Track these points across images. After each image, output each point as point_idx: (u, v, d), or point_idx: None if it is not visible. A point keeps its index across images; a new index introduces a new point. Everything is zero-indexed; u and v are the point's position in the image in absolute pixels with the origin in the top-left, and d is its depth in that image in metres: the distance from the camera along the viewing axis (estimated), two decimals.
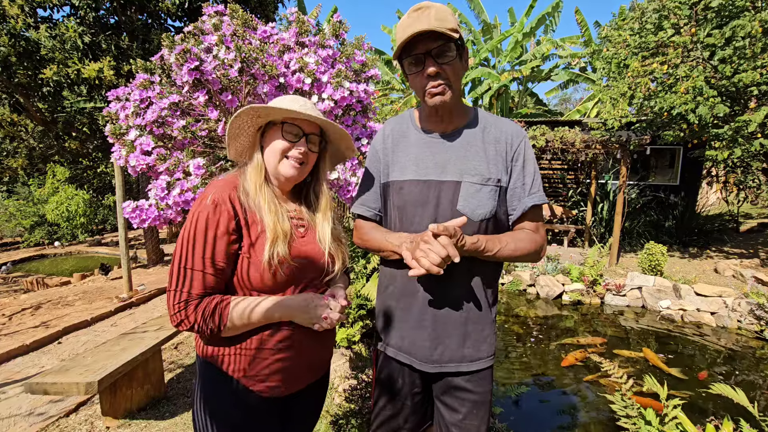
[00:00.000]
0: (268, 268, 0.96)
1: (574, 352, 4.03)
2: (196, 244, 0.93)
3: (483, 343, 1.14)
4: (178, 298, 0.93)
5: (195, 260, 0.93)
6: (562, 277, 6.09)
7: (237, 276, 0.99)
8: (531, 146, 1.15)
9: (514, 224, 1.17)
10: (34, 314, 4.76)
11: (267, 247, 0.96)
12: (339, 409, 2.37)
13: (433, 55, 1.01)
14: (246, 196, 1.00)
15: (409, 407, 1.21)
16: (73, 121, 8.79)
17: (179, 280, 0.93)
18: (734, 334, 4.58)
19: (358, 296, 3.50)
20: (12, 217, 11.58)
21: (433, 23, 0.98)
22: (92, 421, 2.51)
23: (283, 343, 1.01)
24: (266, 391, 1.01)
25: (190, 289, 0.93)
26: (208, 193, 0.97)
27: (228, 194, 0.97)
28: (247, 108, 1.01)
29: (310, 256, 1.06)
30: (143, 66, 1.96)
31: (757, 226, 9.24)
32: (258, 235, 0.98)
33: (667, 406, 2.09)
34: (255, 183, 1.02)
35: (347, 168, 1.95)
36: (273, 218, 0.99)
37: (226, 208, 0.95)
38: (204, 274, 0.94)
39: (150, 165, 1.83)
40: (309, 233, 1.10)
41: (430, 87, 1.04)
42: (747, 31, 5.06)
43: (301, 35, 1.99)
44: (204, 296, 0.94)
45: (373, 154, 1.27)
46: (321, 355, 1.13)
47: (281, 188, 1.10)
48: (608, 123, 6.57)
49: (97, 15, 6.42)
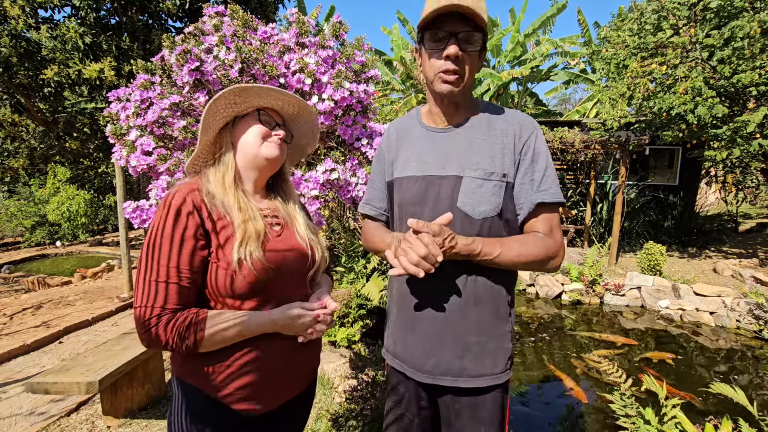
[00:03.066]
0: (239, 270, 0.88)
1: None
2: (162, 252, 0.85)
3: (487, 357, 1.02)
4: (147, 314, 0.83)
5: (161, 271, 0.84)
6: (561, 277, 6.10)
7: (209, 285, 0.90)
8: (544, 139, 1.05)
9: (523, 225, 1.06)
10: (35, 314, 4.77)
11: (236, 247, 0.88)
12: (339, 408, 2.38)
13: (460, 38, 0.94)
14: (212, 198, 0.93)
15: (417, 424, 1.12)
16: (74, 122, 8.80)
17: (146, 294, 0.84)
18: (733, 334, 4.58)
19: (358, 296, 3.51)
20: (13, 217, 11.57)
21: (471, 1, 0.91)
22: (93, 421, 2.52)
23: (264, 358, 0.94)
24: (248, 409, 0.94)
25: (161, 303, 0.83)
26: (170, 197, 0.88)
27: (191, 197, 0.89)
28: (228, 90, 0.94)
29: (290, 253, 1.00)
30: (144, 66, 1.97)
31: (756, 226, 9.25)
32: (228, 237, 0.90)
33: (666, 406, 2.10)
34: (224, 182, 0.96)
35: (347, 168, 1.96)
36: (243, 216, 0.93)
37: (189, 210, 0.88)
38: (173, 285, 0.85)
39: (151, 165, 1.84)
40: (286, 230, 1.04)
41: (444, 71, 0.97)
42: (746, 31, 5.07)
43: (301, 36, 2.00)
44: (176, 311, 0.85)
45: (379, 152, 1.23)
46: (306, 366, 1.06)
47: (255, 184, 1.04)
48: (607, 123, 6.58)
49: (98, 16, 6.44)
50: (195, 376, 0.92)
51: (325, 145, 2.24)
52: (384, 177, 1.20)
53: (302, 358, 1.03)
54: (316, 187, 1.80)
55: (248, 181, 1.03)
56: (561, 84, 13.39)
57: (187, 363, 0.93)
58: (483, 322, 1.02)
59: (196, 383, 0.92)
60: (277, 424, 1.03)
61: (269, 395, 0.97)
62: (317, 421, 2.38)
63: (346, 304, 3.39)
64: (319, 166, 1.85)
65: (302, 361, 1.03)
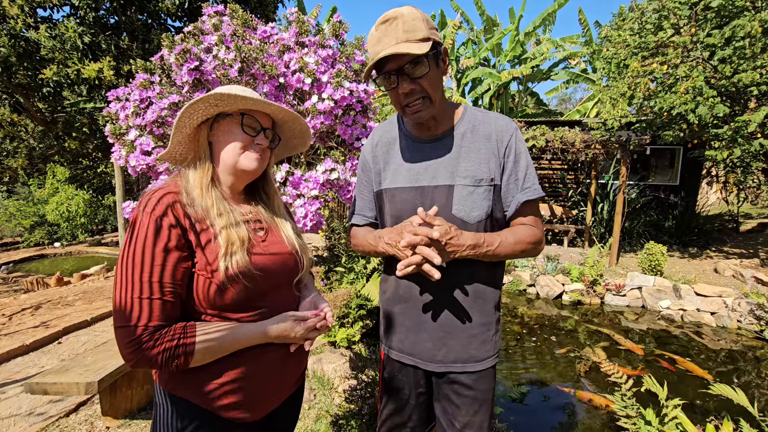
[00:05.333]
0: (225, 279, 0.84)
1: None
2: (144, 266, 0.79)
3: (488, 342, 1.14)
4: (130, 335, 0.77)
5: (143, 287, 0.79)
6: (562, 277, 6.09)
7: (196, 297, 0.85)
8: (523, 139, 1.12)
9: (510, 221, 1.15)
10: (34, 314, 4.76)
11: (221, 256, 0.84)
12: (339, 409, 2.37)
13: (406, 72, 0.97)
14: (191, 201, 0.87)
15: (413, 406, 1.21)
16: (73, 121, 8.80)
17: (128, 313, 0.78)
18: (734, 334, 4.58)
19: (358, 296, 3.50)
20: (12, 217, 11.56)
21: (401, 37, 0.94)
22: (92, 421, 2.51)
23: (256, 368, 0.91)
24: (240, 416, 0.91)
25: (145, 321, 0.78)
26: (145, 204, 0.82)
27: (169, 202, 0.83)
28: (207, 95, 0.88)
29: (277, 259, 0.96)
30: (143, 66, 1.96)
31: (757, 226, 9.24)
32: (210, 245, 0.86)
33: (667, 406, 2.09)
34: (201, 185, 0.90)
35: (347, 168, 1.95)
36: (224, 222, 0.87)
37: (169, 219, 0.82)
38: (157, 301, 0.79)
39: (150, 165, 1.83)
40: (270, 235, 0.99)
41: (407, 104, 1.02)
42: (747, 31, 5.06)
43: (301, 35, 1.99)
44: (162, 328, 0.80)
45: (363, 163, 1.24)
46: (297, 369, 1.04)
47: (233, 188, 0.99)
48: (608, 123, 6.57)
49: (97, 15, 6.43)
50: (184, 389, 0.88)
51: (325, 145, 2.23)
52: (371, 186, 1.23)
53: (293, 361, 1.01)
54: (316, 187, 1.80)
55: (226, 185, 0.97)
56: (562, 83, 13.38)
57: (175, 376, 0.89)
58: (484, 313, 1.13)
59: (185, 396, 0.88)
60: (271, 425, 1.03)
61: (262, 402, 0.95)
62: (317, 422, 2.37)
63: (346, 305, 3.38)
64: (319, 166, 1.84)
65: (293, 364, 1.02)
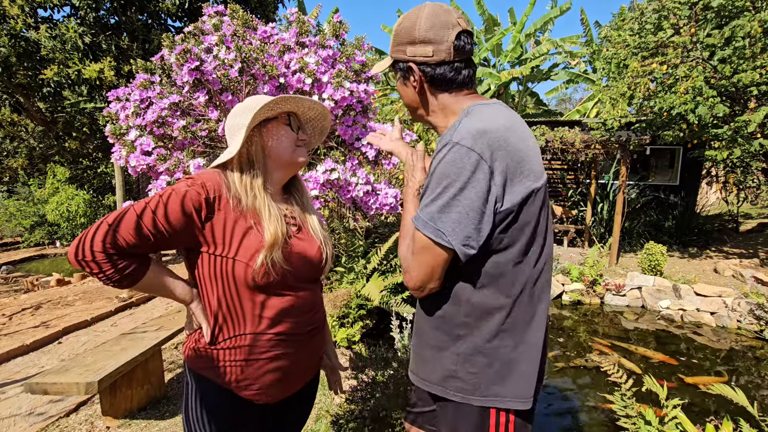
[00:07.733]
0: (259, 269, 0.92)
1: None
2: (159, 202, 0.85)
3: (425, 364, 1.01)
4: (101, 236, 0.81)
5: (146, 211, 0.84)
6: (561, 277, 6.09)
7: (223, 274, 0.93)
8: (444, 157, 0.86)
9: None
10: (34, 314, 4.76)
11: (263, 251, 0.92)
12: (339, 409, 2.37)
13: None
14: (237, 201, 0.94)
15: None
16: (74, 122, 8.80)
17: (101, 228, 0.82)
18: (734, 334, 4.58)
19: (358, 296, 3.50)
20: (12, 217, 11.57)
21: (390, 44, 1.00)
22: (92, 421, 2.51)
23: (276, 351, 0.98)
24: (260, 398, 0.99)
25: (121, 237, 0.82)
26: (196, 176, 0.93)
27: (215, 184, 0.93)
28: (278, 98, 0.99)
29: (308, 252, 1.05)
30: (143, 66, 1.96)
31: (757, 226, 9.25)
32: (248, 235, 0.93)
33: (667, 407, 2.09)
34: (253, 185, 0.97)
35: (347, 168, 1.95)
36: (272, 220, 0.95)
37: (206, 193, 0.90)
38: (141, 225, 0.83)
39: (150, 165, 1.83)
40: (303, 231, 1.08)
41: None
42: (746, 31, 5.07)
43: (302, 35, 1.99)
44: (126, 252, 0.84)
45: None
46: (314, 358, 1.12)
47: (280, 183, 1.08)
48: (608, 123, 6.57)
49: (97, 15, 6.43)
50: (208, 369, 0.96)
51: (325, 145, 2.23)
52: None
53: (313, 349, 1.09)
54: (316, 187, 1.80)
55: (273, 183, 1.05)
56: (562, 84, 13.38)
57: (202, 356, 0.96)
58: (419, 329, 1.08)
59: (208, 375, 0.96)
60: (290, 409, 1.11)
61: (286, 384, 1.03)
62: (317, 422, 2.37)
63: (346, 305, 3.38)
64: (319, 166, 1.84)
65: (313, 352, 1.10)
